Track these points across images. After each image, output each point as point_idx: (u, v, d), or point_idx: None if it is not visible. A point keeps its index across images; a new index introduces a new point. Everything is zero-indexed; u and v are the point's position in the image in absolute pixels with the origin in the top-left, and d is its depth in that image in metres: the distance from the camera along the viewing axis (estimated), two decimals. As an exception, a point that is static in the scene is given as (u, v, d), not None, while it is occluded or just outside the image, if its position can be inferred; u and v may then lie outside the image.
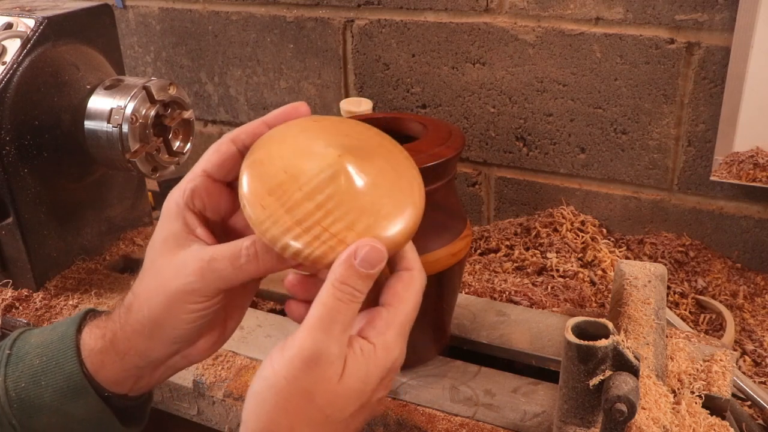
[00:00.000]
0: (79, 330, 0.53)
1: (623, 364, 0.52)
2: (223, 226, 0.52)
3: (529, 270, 1.02)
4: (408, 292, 0.47)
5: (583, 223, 1.09)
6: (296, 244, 0.43)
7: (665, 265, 0.98)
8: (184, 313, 0.48)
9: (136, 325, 0.50)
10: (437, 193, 0.63)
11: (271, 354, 0.45)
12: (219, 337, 0.53)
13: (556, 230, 1.08)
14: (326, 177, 0.45)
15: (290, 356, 0.43)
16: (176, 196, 0.50)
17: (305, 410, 0.43)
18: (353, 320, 0.44)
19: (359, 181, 0.45)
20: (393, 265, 0.48)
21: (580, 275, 1.00)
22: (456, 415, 0.65)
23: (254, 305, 0.88)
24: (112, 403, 0.53)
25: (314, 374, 0.43)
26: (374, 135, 0.50)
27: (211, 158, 0.50)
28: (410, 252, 0.48)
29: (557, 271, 1.00)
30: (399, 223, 0.45)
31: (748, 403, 0.76)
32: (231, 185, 0.51)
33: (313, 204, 0.44)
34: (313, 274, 0.49)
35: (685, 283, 1.00)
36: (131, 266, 0.95)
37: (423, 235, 0.62)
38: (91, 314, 0.55)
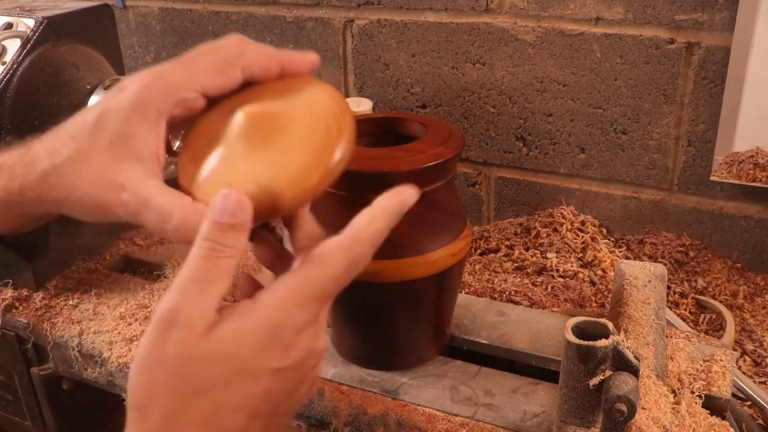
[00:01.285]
0: None
1: (623, 364, 0.52)
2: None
3: (529, 270, 1.02)
4: (321, 253, 0.42)
5: (583, 223, 1.09)
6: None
7: (665, 265, 0.98)
8: (95, 215, 0.46)
9: (42, 197, 0.46)
10: (437, 193, 0.63)
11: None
12: None
13: (556, 230, 1.08)
14: (231, 137, 0.46)
15: (150, 324, 0.39)
16: (161, 99, 0.45)
17: (165, 378, 0.39)
18: (219, 277, 0.40)
19: (261, 140, 0.45)
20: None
21: (580, 275, 1.00)
22: (456, 415, 0.65)
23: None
24: (9, 242, 0.50)
25: (170, 337, 0.38)
26: (302, 98, 0.48)
27: (215, 80, 0.46)
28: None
29: (557, 271, 1.00)
30: (294, 174, 0.43)
31: (748, 403, 0.76)
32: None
33: (219, 161, 0.46)
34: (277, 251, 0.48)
35: (685, 283, 1.00)
36: (131, 266, 0.95)
37: (423, 235, 0.62)
38: None
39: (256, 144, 0.45)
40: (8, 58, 0.80)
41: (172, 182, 0.54)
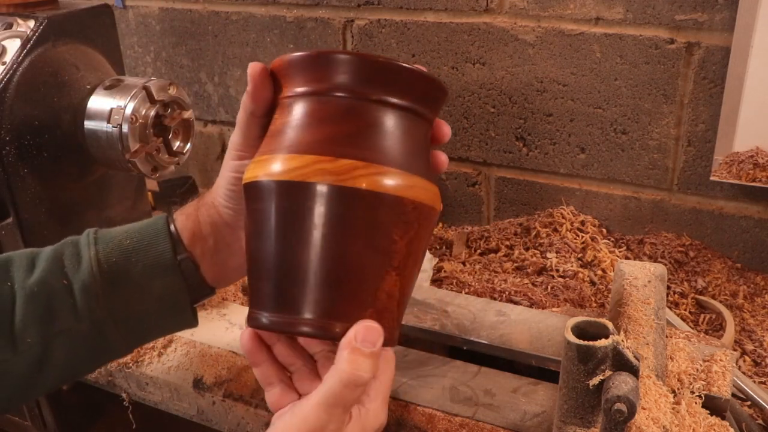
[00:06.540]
0: (166, 221, 0.60)
1: (623, 364, 0.52)
2: None
3: (529, 270, 1.02)
4: (386, 365, 0.53)
5: (583, 223, 1.09)
6: None
7: (665, 265, 0.98)
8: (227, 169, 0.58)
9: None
10: (425, 128, 0.54)
11: (282, 417, 0.51)
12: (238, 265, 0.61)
13: (556, 230, 1.08)
14: None
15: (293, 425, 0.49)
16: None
17: None
18: (356, 401, 0.49)
19: None
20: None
21: (580, 275, 1.00)
22: (456, 415, 0.65)
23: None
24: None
25: None
26: None
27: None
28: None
29: (557, 271, 1.00)
30: None
31: (748, 403, 0.76)
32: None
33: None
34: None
35: (685, 283, 1.00)
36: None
37: (397, 147, 0.50)
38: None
39: None
40: (8, 58, 0.80)
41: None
